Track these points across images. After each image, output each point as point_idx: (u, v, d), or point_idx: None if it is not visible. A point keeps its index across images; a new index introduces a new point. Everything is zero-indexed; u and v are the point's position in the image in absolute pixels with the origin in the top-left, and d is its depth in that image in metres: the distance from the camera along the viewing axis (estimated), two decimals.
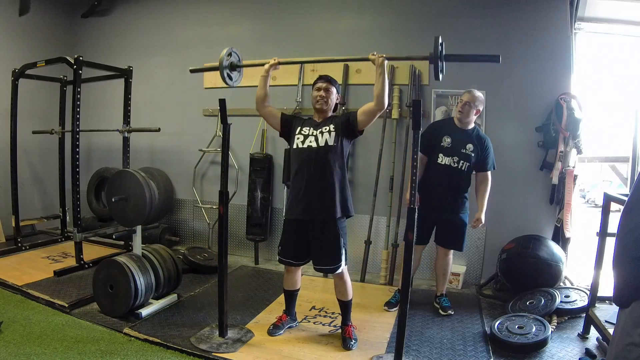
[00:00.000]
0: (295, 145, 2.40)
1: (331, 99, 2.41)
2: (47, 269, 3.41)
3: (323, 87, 2.40)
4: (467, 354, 2.38)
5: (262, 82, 2.46)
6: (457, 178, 2.83)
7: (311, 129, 2.38)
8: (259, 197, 3.96)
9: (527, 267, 3.01)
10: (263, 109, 2.49)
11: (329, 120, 2.40)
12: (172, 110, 4.49)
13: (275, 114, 2.50)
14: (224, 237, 2.45)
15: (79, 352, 2.27)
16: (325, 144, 2.32)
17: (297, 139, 2.39)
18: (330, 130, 2.34)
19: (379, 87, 2.23)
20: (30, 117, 4.42)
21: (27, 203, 4.49)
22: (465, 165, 2.82)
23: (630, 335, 1.14)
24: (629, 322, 1.16)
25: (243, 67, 2.56)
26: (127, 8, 4.74)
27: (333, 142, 2.32)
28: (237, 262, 4.00)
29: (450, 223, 2.89)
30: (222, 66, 2.43)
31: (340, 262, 2.39)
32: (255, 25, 4.19)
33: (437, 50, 2.06)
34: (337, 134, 2.33)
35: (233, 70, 2.50)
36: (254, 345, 2.42)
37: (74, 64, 3.42)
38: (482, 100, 2.85)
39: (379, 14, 3.82)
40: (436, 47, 2.06)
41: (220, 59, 2.42)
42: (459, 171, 2.81)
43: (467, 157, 2.81)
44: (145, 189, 2.78)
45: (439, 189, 2.87)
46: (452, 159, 2.82)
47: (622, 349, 1.16)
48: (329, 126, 2.35)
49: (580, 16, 3.30)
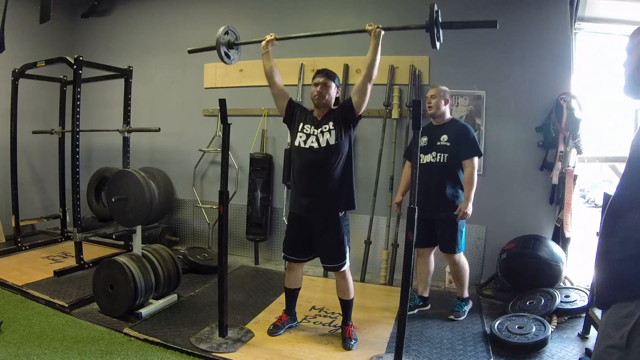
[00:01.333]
0: (297, 143, 2.39)
1: (330, 93, 2.36)
2: (47, 269, 3.41)
3: (321, 81, 2.35)
4: (467, 354, 2.38)
5: (264, 59, 2.47)
6: (437, 173, 2.75)
7: (312, 128, 2.36)
8: (259, 197, 3.96)
9: (527, 267, 3.01)
10: (274, 85, 2.46)
11: (328, 117, 2.37)
12: (172, 110, 4.49)
13: (284, 96, 2.48)
14: (224, 237, 2.45)
15: (79, 352, 2.27)
16: (327, 144, 2.31)
17: (299, 137, 2.38)
18: (330, 128, 2.32)
19: (371, 56, 2.22)
20: (30, 117, 4.42)
21: (27, 203, 4.49)
22: (443, 157, 2.74)
23: (611, 337, 1.13)
24: (609, 324, 1.15)
25: (241, 45, 2.56)
26: (127, 8, 4.74)
27: (334, 141, 2.31)
28: (237, 262, 4.00)
29: (442, 222, 2.79)
30: (219, 44, 2.43)
31: (344, 260, 2.40)
32: (255, 25, 4.18)
33: (433, 17, 2.08)
34: (336, 130, 2.32)
35: (230, 49, 2.51)
36: (254, 345, 2.42)
37: (74, 64, 3.42)
38: (447, 91, 2.83)
39: (379, 13, 3.81)
40: (432, 15, 2.08)
41: (217, 38, 2.42)
42: (439, 165, 2.75)
43: (443, 148, 2.74)
44: (145, 189, 2.78)
45: (423, 188, 2.83)
46: (431, 154, 2.78)
47: (603, 351, 1.15)
48: (327, 124, 2.34)
49: (580, 16, 3.30)
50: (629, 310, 1.10)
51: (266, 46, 2.45)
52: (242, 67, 4.15)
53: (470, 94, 3.52)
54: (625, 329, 1.08)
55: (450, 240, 2.79)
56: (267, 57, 2.46)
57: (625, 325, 1.09)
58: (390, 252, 3.60)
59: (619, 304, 1.14)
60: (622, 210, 1.16)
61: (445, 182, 2.76)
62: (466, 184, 2.70)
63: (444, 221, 2.77)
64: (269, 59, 2.46)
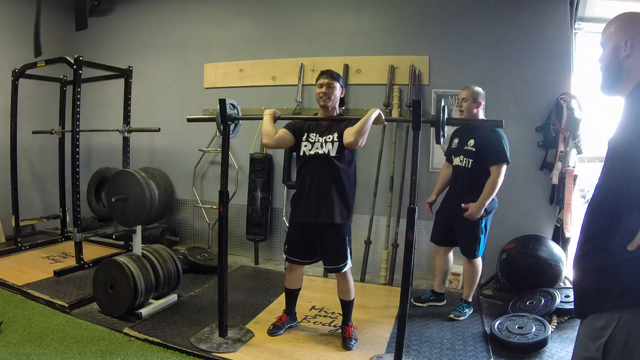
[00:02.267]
0: (302, 152, 2.38)
1: (334, 94, 2.35)
2: (47, 269, 3.41)
3: (325, 82, 2.33)
4: (467, 354, 2.38)
5: (270, 124, 2.37)
6: (462, 177, 2.77)
7: (317, 136, 2.36)
8: (259, 197, 3.95)
9: (527, 267, 3.01)
10: (273, 141, 2.35)
11: (334, 127, 2.35)
12: (172, 110, 4.48)
13: (285, 137, 2.37)
14: (224, 237, 2.45)
15: (79, 352, 2.27)
16: (329, 153, 2.31)
17: (304, 146, 2.37)
18: (333, 140, 2.32)
19: (360, 125, 2.17)
20: (30, 117, 4.42)
21: (27, 203, 4.48)
22: (468, 162, 2.72)
23: (588, 349, 1.10)
24: (586, 334, 1.12)
25: (240, 120, 2.51)
26: (127, 8, 4.73)
27: (335, 153, 2.30)
28: (237, 262, 4.00)
29: (462, 227, 2.78)
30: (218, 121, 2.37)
31: (345, 260, 2.40)
32: (256, 25, 4.19)
33: (440, 115, 2.00)
34: (339, 144, 2.30)
35: (231, 122, 2.44)
36: (254, 345, 2.42)
37: (74, 64, 3.42)
38: (480, 93, 2.73)
39: (378, 13, 3.82)
40: (438, 112, 2.01)
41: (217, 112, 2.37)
42: (464, 169, 2.76)
43: (469, 154, 2.72)
44: (145, 189, 2.78)
45: (451, 189, 2.88)
46: (459, 158, 2.79)
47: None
48: (332, 135, 2.33)
49: (580, 16, 3.30)
50: (604, 322, 1.06)
51: (270, 120, 2.37)
52: (242, 67, 4.15)
53: None
54: (601, 341, 1.06)
55: (468, 246, 2.81)
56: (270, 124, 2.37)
57: (601, 337, 1.06)
58: (390, 252, 3.60)
59: (594, 314, 1.10)
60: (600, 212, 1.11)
61: (468, 187, 2.73)
62: (485, 187, 2.63)
63: (464, 226, 2.76)
64: (273, 127, 2.37)
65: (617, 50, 1.11)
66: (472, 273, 2.87)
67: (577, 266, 1.17)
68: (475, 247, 2.78)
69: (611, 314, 1.05)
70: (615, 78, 1.13)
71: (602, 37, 1.18)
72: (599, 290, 1.09)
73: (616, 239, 1.03)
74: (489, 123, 2.27)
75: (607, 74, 1.15)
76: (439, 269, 3.05)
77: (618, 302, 1.04)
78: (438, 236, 2.98)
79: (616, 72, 1.12)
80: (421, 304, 3.02)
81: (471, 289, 2.90)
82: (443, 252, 3.01)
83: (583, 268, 1.15)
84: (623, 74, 1.11)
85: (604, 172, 1.11)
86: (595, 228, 1.11)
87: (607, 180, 1.10)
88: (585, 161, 3.36)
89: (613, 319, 1.04)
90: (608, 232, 1.06)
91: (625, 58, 1.09)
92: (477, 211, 2.62)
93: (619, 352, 1.03)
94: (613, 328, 1.04)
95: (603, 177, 1.11)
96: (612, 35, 1.13)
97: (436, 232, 3.00)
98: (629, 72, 1.10)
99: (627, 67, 1.10)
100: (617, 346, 1.03)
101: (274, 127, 2.37)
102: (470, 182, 2.73)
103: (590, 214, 1.13)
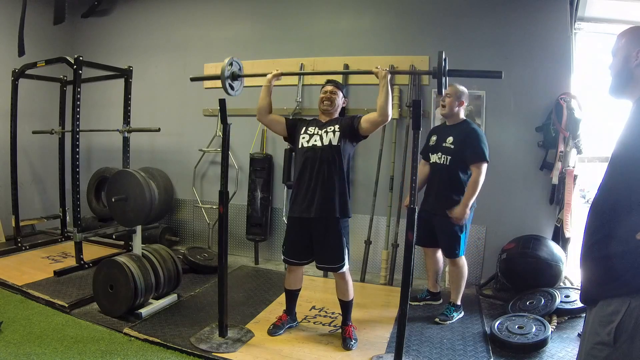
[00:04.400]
0: (300, 144, 2.44)
1: (337, 101, 2.49)
2: (47, 269, 3.41)
3: (329, 90, 2.49)
4: (467, 354, 2.38)
5: (264, 92, 2.48)
6: (440, 174, 2.76)
7: (316, 129, 2.43)
8: (259, 197, 3.96)
9: (527, 267, 3.01)
10: (266, 118, 2.52)
11: (334, 121, 2.45)
12: (172, 110, 4.49)
13: (279, 120, 2.54)
14: (224, 237, 2.45)
15: (79, 352, 2.27)
16: (329, 143, 2.36)
17: (302, 139, 2.44)
18: (335, 130, 2.38)
19: (382, 99, 2.25)
20: (30, 117, 4.43)
21: (27, 203, 4.49)
22: (447, 159, 2.71)
23: (598, 334, 1.15)
24: (596, 321, 1.17)
25: (244, 77, 2.54)
26: (127, 8, 4.74)
27: (337, 142, 2.36)
28: (237, 262, 4.00)
29: (440, 226, 2.76)
30: (223, 76, 2.40)
31: (343, 261, 2.40)
32: (256, 25, 4.19)
33: (441, 65, 2.01)
34: (341, 134, 2.37)
35: (234, 80, 2.48)
36: (254, 345, 2.42)
37: (74, 64, 3.42)
38: (464, 92, 2.76)
39: (378, 13, 3.82)
40: (440, 62, 2.01)
41: (222, 68, 2.39)
42: (442, 166, 2.74)
43: (447, 150, 2.70)
44: (145, 189, 2.78)
45: (429, 187, 2.86)
46: (437, 155, 2.78)
47: (592, 347, 1.18)
48: (333, 126, 2.40)
49: (580, 16, 3.30)
50: (614, 307, 1.12)
51: (271, 79, 2.47)
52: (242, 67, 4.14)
53: (470, 93, 3.50)
54: (612, 326, 1.11)
55: (448, 245, 2.78)
56: (267, 91, 2.48)
57: (612, 322, 1.12)
58: (390, 252, 3.60)
59: (604, 300, 1.16)
60: (605, 208, 1.19)
61: (446, 184, 2.73)
62: (467, 187, 2.64)
63: (442, 225, 2.75)
64: (269, 95, 2.49)
65: (628, 59, 1.25)
66: (456, 274, 2.81)
67: (585, 257, 1.24)
68: (455, 247, 2.73)
69: (621, 299, 1.11)
70: (625, 84, 1.27)
71: (614, 47, 1.30)
72: (609, 277, 1.15)
73: (625, 229, 1.10)
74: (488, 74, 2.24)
75: (619, 79, 1.29)
76: (430, 270, 3.06)
77: (628, 287, 1.10)
78: (422, 238, 2.87)
79: (627, 78, 1.26)
80: (417, 302, 3.04)
81: (458, 291, 2.83)
82: (431, 253, 2.99)
83: (592, 257, 1.21)
84: (633, 80, 1.25)
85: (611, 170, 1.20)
86: (603, 220, 1.18)
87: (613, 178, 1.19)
88: (585, 161, 3.36)
89: (623, 304, 1.10)
90: (616, 223, 1.13)
91: (636, 67, 1.24)
92: (463, 213, 2.62)
93: (629, 336, 1.09)
94: (624, 313, 1.09)
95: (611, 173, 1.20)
96: (624, 46, 1.27)
97: (419, 234, 2.90)
98: (638, 80, 1.24)
99: (638, 75, 1.24)
100: (628, 330, 1.09)
101: (266, 102, 2.47)
102: (448, 179, 2.72)
103: (600, 207, 1.21)
